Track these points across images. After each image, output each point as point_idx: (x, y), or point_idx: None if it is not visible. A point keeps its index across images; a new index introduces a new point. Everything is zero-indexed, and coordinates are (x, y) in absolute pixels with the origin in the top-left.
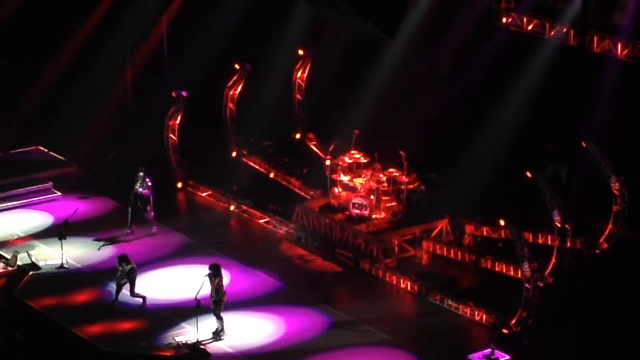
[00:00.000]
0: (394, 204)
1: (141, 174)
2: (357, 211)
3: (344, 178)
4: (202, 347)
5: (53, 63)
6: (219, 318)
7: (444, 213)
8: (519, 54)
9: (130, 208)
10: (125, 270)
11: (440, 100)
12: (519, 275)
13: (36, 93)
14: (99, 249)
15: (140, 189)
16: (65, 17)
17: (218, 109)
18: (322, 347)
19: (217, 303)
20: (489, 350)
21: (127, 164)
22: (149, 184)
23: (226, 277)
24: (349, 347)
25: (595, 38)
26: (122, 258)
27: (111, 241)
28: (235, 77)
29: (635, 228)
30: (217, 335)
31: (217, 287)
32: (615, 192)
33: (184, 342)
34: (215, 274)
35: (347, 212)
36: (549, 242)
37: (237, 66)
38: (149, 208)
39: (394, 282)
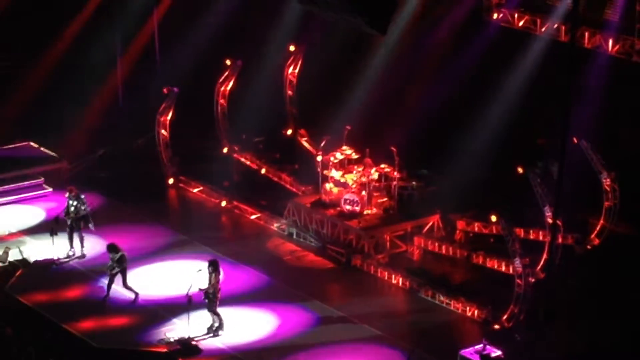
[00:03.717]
0: (385, 199)
1: (70, 199)
2: (348, 207)
3: (336, 174)
4: (193, 342)
5: (43, 58)
6: (216, 314)
7: (435, 209)
8: (509, 50)
9: (69, 231)
10: (114, 258)
11: (431, 96)
12: (511, 271)
13: (26, 88)
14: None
15: (82, 209)
16: (56, 12)
17: (209, 105)
18: (313, 343)
19: (211, 299)
20: (480, 345)
21: (118, 159)
22: (86, 200)
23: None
24: (340, 344)
25: (586, 34)
26: (111, 247)
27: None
28: (226, 73)
29: (626, 224)
30: (214, 331)
31: (213, 283)
32: (607, 187)
33: (175, 337)
34: (214, 270)
35: (338, 208)
36: (541, 238)
37: (228, 62)
38: (90, 225)
39: (386, 278)
